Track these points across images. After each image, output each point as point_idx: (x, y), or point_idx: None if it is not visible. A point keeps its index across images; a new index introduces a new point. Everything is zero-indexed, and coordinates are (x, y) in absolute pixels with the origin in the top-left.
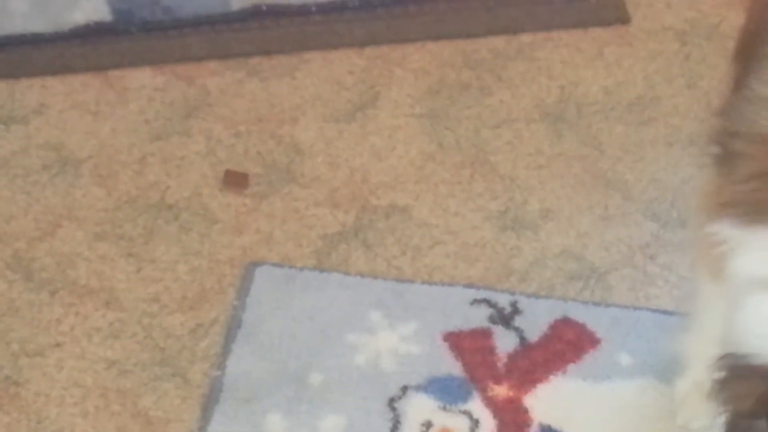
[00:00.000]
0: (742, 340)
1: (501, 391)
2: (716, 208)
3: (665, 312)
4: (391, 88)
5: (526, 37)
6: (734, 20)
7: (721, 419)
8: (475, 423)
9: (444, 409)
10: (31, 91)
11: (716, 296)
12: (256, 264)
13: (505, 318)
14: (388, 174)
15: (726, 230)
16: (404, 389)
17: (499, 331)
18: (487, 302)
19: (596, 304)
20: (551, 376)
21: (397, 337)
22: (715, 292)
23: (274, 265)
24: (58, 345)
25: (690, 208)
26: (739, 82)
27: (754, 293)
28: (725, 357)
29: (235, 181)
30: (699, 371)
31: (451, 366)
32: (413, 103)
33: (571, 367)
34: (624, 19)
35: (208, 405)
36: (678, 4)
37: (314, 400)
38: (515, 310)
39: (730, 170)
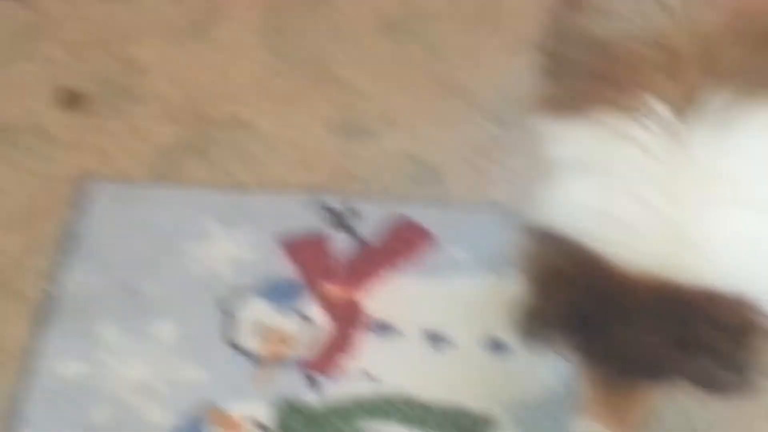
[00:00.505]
0: (550, 217)
1: (335, 290)
2: (542, 106)
3: (501, 209)
4: (232, 5)
5: None
6: None
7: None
8: (310, 323)
9: (278, 310)
10: None
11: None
12: (91, 180)
13: (340, 220)
14: (228, 88)
15: (547, 124)
16: (238, 293)
17: (334, 233)
18: (325, 206)
19: (433, 203)
20: (386, 274)
21: (232, 244)
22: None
23: (111, 180)
24: None
25: (523, 108)
26: None
27: (563, 175)
28: (532, 232)
29: (73, 100)
30: None
31: (285, 269)
32: (254, 19)
33: (407, 264)
34: None
35: (42, 320)
36: None
37: (148, 308)
38: (351, 213)
39: (557, 72)
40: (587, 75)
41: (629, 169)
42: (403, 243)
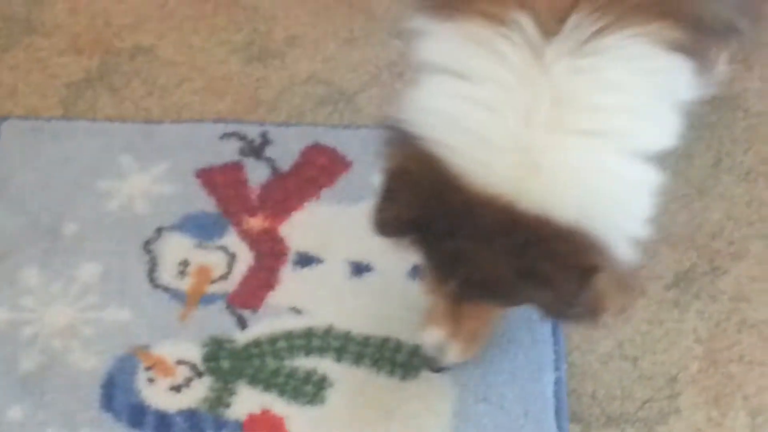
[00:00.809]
0: (408, 119)
1: (256, 222)
2: (421, 5)
3: None
4: None
5: None
6: None
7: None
8: (232, 257)
9: (200, 246)
10: None
11: None
12: (1, 119)
13: (255, 149)
14: (129, 16)
15: (422, 23)
16: (159, 230)
17: (250, 163)
18: (237, 135)
19: (346, 127)
20: (305, 203)
21: (148, 179)
22: None
23: (20, 118)
24: None
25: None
26: None
27: (425, 76)
28: (389, 126)
29: None
30: None
31: (204, 203)
32: None
33: (324, 192)
34: None
35: None
36: None
37: (69, 250)
38: (265, 141)
39: None
40: None
41: (489, 82)
42: (318, 170)
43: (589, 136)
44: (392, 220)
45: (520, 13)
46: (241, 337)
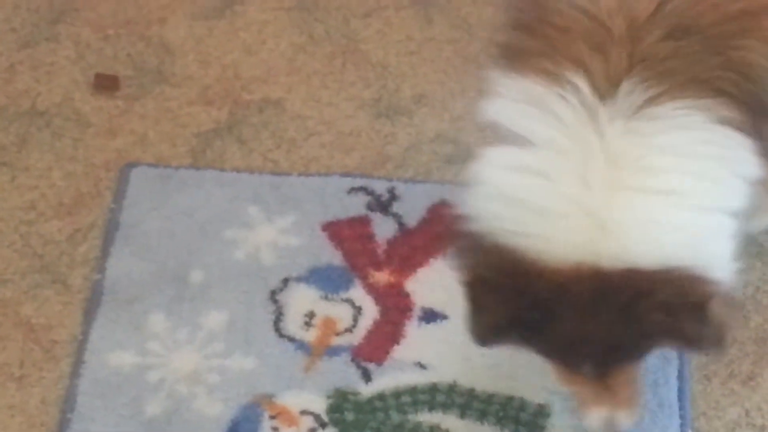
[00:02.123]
0: (472, 206)
1: (382, 277)
2: (496, 53)
3: None
4: None
5: None
6: None
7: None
8: (358, 310)
9: (326, 298)
10: None
11: None
12: (131, 165)
13: (382, 205)
14: (259, 68)
15: (492, 78)
16: (285, 281)
17: (377, 218)
18: (365, 190)
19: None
20: (431, 260)
21: (275, 231)
22: None
23: (150, 165)
24: None
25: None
26: None
27: (487, 148)
28: (457, 233)
29: (106, 84)
30: None
31: (331, 256)
32: None
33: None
34: None
35: (90, 309)
36: None
37: (196, 298)
38: (393, 197)
39: (511, 21)
40: (528, 32)
41: (544, 146)
42: (445, 227)
43: (650, 193)
44: (487, 331)
45: (576, 73)
46: (366, 391)
